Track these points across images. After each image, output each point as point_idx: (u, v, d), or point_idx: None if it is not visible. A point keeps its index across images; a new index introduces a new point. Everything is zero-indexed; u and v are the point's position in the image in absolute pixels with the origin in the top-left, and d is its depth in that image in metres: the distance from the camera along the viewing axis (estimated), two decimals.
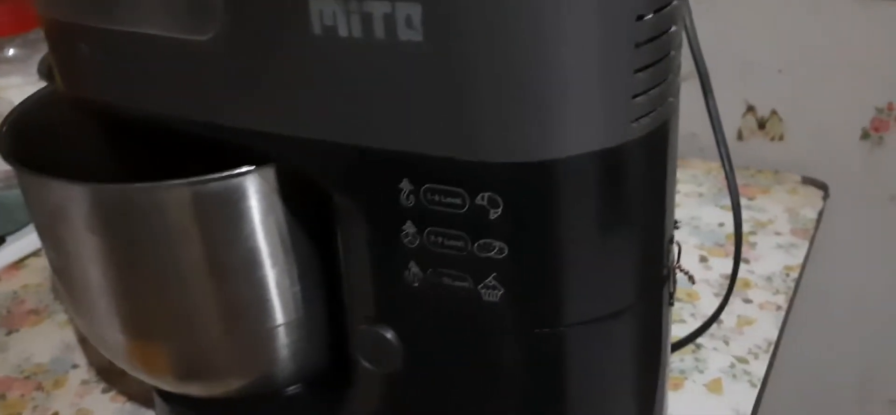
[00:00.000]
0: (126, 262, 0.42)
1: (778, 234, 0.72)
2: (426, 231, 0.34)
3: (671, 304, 0.40)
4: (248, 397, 0.48)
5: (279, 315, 0.43)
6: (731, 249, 0.67)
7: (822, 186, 0.78)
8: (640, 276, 0.37)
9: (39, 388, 0.59)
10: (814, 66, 0.75)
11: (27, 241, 0.74)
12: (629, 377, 0.39)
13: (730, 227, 0.72)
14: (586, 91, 0.31)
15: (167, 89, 0.38)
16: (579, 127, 0.31)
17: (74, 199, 0.41)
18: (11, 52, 0.83)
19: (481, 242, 0.34)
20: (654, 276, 0.37)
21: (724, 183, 0.47)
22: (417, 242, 0.35)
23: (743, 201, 0.77)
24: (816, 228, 0.74)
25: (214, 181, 0.38)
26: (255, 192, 0.39)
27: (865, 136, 0.76)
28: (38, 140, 0.46)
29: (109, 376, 0.60)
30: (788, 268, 0.67)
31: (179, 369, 0.46)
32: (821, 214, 0.75)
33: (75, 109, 0.44)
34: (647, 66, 0.31)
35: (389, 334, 0.38)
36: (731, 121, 0.82)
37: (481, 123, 0.31)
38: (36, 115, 0.48)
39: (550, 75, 0.30)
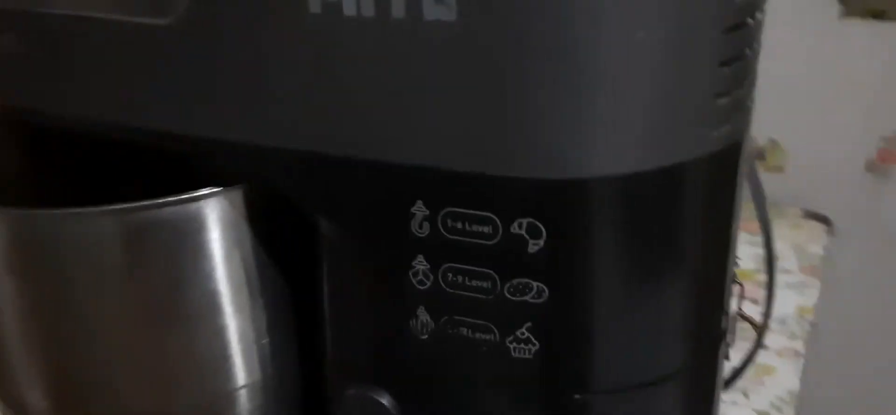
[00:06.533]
0: (52, 309, 0.34)
1: (787, 272, 0.66)
2: (442, 269, 0.27)
3: (727, 358, 0.33)
4: None
5: (241, 375, 0.36)
6: (743, 290, 0.61)
7: (825, 220, 0.73)
8: (698, 326, 0.30)
9: None
10: (816, 92, 0.71)
11: None
12: None
13: (742, 265, 0.66)
14: (663, 87, 0.24)
15: (111, 91, 0.30)
16: (651, 133, 0.24)
17: None
18: None
19: (515, 282, 0.26)
20: (713, 325, 0.31)
21: None
22: (430, 282, 0.27)
23: (745, 237, 0.71)
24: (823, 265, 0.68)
25: (166, 206, 0.31)
26: (217, 220, 0.32)
27: (871, 167, 0.71)
28: None
29: None
30: (803, 310, 0.62)
31: None
32: (825, 250, 0.70)
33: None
34: (731, 61, 0.25)
35: (385, 400, 0.30)
36: None
37: (524, 128, 0.24)
38: None
39: (619, 65, 0.23)
